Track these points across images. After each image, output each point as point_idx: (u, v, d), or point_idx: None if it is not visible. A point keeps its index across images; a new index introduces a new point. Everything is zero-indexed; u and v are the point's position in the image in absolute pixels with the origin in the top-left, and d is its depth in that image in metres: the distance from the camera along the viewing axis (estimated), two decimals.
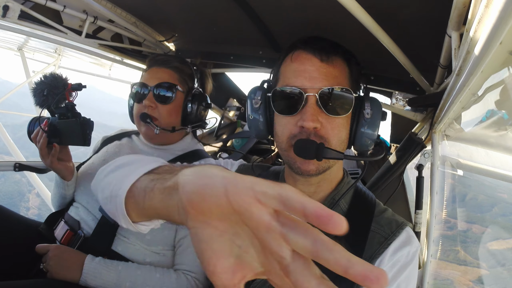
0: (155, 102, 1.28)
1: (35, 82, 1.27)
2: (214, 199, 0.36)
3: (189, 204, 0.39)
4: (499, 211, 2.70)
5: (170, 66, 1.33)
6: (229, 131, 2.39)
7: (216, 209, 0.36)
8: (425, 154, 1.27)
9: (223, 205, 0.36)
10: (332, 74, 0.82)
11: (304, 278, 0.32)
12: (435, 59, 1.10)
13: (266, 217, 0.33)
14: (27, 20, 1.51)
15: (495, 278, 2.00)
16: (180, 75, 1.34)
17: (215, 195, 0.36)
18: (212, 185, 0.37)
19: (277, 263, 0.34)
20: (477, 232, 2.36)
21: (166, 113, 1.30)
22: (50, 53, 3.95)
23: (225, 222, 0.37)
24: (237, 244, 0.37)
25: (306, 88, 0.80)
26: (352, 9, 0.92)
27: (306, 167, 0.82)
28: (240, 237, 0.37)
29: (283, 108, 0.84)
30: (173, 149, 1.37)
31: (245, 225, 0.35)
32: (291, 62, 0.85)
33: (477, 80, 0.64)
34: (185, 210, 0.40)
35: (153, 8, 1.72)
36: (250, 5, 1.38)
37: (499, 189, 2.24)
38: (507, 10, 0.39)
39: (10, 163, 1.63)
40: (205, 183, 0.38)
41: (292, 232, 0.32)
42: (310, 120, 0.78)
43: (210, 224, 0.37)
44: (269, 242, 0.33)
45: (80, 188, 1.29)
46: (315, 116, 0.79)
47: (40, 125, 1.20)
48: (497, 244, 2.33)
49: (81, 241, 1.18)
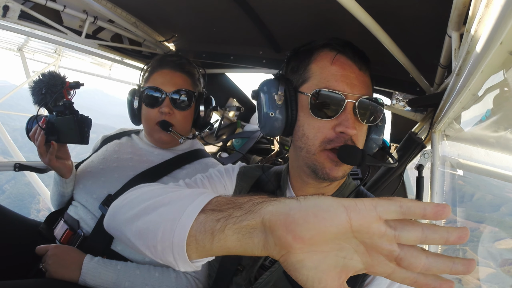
0: (173, 108, 1.28)
1: (33, 81, 1.27)
2: (335, 229, 0.41)
3: (294, 240, 0.42)
4: (506, 210, 2.71)
5: (185, 70, 1.33)
6: (229, 131, 2.39)
7: (333, 237, 0.41)
8: (425, 154, 1.27)
9: (343, 232, 0.41)
10: (366, 83, 0.85)
11: (416, 258, 0.40)
12: (435, 59, 1.10)
13: (382, 227, 0.40)
14: (27, 20, 1.51)
15: (498, 276, 2.01)
16: (192, 80, 1.35)
17: (337, 225, 0.40)
18: (332, 218, 0.41)
19: (383, 257, 0.42)
20: (479, 231, 2.37)
21: (183, 119, 1.31)
22: (50, 53, 3.95)
23: (333, 242, 0.42)
24: (342, 256, 0.43)
25: (347, 94, 0.80)
26: (352, 9, 0.92)
27: (335, 173, 0.82)
28: (345, 250, 0.42)
29: (319, 111, 0.81)
30: (175, 148, 1.38)
31: (355, 238, 0.41)
32: (330, 65, 0.83)
33: (477, 80, 0.64)
34: (284, 247, 0.43)
35: (153, 8, 1.72)
36: (250, 5, 1.38)
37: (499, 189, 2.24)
38: (507, 10, 0.39)
39: (10, 163, 1.63)
40: (324, 218, 0.41)
41: (403, 232, 0.40)
42: (352, 128, 0.79)
43: (317, 250, 0.42)
44: (381, 244, 0.41)
45: (79, 187, 1.29)
46: (354, 123, 0.81)
47: (38, 123, 1.20)
48: (503, 243, 2.35)
49: (80, 240, 1.18)
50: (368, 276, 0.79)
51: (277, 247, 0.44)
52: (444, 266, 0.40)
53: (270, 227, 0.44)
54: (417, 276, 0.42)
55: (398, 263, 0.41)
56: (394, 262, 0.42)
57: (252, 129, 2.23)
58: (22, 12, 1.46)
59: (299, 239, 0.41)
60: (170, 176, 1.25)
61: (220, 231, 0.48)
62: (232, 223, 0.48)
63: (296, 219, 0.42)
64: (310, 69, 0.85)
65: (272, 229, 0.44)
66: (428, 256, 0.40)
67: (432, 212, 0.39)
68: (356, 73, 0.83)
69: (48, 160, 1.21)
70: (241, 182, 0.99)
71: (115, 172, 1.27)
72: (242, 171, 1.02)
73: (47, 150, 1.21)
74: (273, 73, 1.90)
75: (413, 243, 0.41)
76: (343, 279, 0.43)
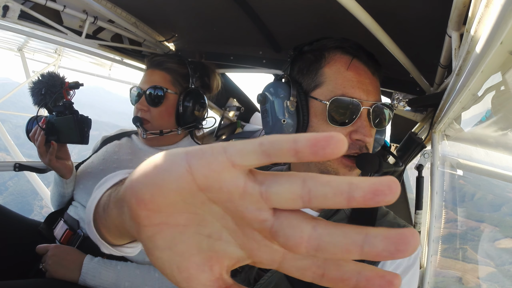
0: (147, 105, 1.29)
1: (32, 82, 1.27)
2: (175, 184, 0.27)
3: (138, 205, 0.28)
4: (507, 210, 2.71)
5: (163, 67, 1.34)
6: (229, 131, 2.39)
7: (177, 197, 0.27)
8: (425, 154, 1.27)
9: (186, 187, 0.26)
10: (378, 88, 0.85)
11: (294, 229, 0.25)
12: (435, 59, 1.10)
13: (240, 180, 0.26)
14: (27, 20, 1.51)
15: (496, 274, 2.02)
16: (172, 76, 1.34)
17: (176, 178, 0.26)
18: (170, 167, 0.27)
19: (259, 234, 0.27)
20: (480, 230, 2.37)
21: (158, 116, 1.31)
22: (50, 53, 3.95)
23: (187, 211, 0.28)
24: (205, 234, 0.29)
25: (363, 101, 0.80)
26: (352, 9, 0.92)
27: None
28: (207, 224, 0.29)
29: (334, 118, 0.80)
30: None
31: (213, 204, 0.27)
32: (345, 70, 0.81)
33: (477, 80, 0.64)
34: (133, 217, 0.29)
35: (153, 8, 1.72)
36: (250, 5, 1.38)
37: (500, 189, 2.24)
38: (507, 10, 0.39)
39: (10, 163, 1.63)
40: (163, 169, 0.27)
41: (274, 185, 0.25)
42: (369, 135, 0.80)
43: (169, 223, 0.28)
44: (246, 209, 0.26)
45: (79, 187, 1.29)
46: (370, 131, 0.81)
47: (38, 123, 1.20)
48: (504, 242, 2.35)
49: (80, 240, 1.18)
50: None
51: (131, 220, 0.30)
52: (346, 241, 0.24)
53: (123, 192, 0.31)
54: (323, 264, 0.26)
55: (274, 238, 0.26)
56: (276, 242, 0.26)
57: (252, 129, 2.23)
58: (22, 12, 1.46)
59: (141, 201, 0.28)
60: None
61: (107, 207, 0.40)
62: (114, 195, 0.39)
63: (137, 174, 0.29)
64: (323, 73, 0.83)
65: (123, 195, 0.30)
66: (318, 226, 0.24)
67: (307, 144, 0.23)
68: (370, 78, 0.83)
69: (48, 160, 1.21)
70: None
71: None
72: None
73: (47, 150, 1.21)
74: (273, 73, 1.90)
75: (292, 205, 0.25)
76: (218, 272, 0.29)
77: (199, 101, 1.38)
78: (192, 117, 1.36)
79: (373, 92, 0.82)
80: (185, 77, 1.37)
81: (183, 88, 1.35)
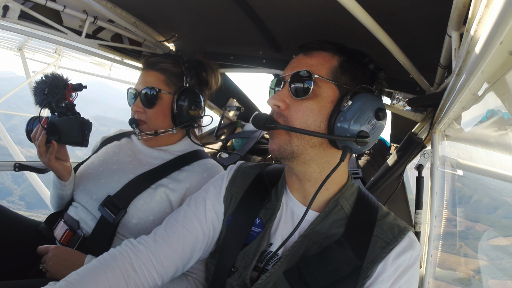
0: (142, 106, 1.29)
1: (36, 81, 1.27)
2: None
3: None
4: (502, 212, 2.73)
5: (157, 68, 1.33)
6: (229, 131, 2.39)
7: None
8: (425, 154, 1.27)
9: None
10: (300, 64, 0.93)
11: None
12: (435, 59, 1.10)
13: None
14: (27, 20, 1.51)
15: (494, 269, 2.04)
16: (166, 76, 1.33)
17: None
18: None
19: None
20: (480, 230, 2.39)
21: (153, 117, 1.30)
22: (50, 53, 3.95)
23: None
24: None
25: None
26: (352, 9, 0.92)
27: (270, 147, 0.91)
28: None
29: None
30: (172, 149, 1.37)
31: None
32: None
33: (477, 80, 0.64)
34: None
35: (153, 8, 1.72)
36: (250, 5, 1.38)
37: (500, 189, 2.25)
38: (507, 10, 0.39)
39: (10, 163, 1.63)
40: None
41: None
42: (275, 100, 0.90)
43: None
44: None
45: (79, 188, 1.29)
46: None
47: (40, 123, 1.20)
48: (501, 241, 2.38)
49: (80, 240, 1.18)
50: (367, 279, 0.79)
51: None
52: None
53: None
54: None
55: None
56: None
57: (252, 129, 2.23)
58: (22, 12, 1.46)
59: None
60: (169, 178, 1.25)
61: None
62: None
63: None
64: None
65: None
66: None
67: None
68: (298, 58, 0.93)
69: (47, 160, 1.21)
70: (233, 187, 0.99)
71: (115, 174, 1.27)
72: (235, 175, 1.02)
73: (47, 150, 1.21)
74: (273, 73, 1.90)
75: None
76: None
77: (194, 99, 1.35)
78: (187, 116, 1.34)
79: (289, 68, 0.89)
80: (179, 76, 1.36)
81: (178, 88, 1.34)
